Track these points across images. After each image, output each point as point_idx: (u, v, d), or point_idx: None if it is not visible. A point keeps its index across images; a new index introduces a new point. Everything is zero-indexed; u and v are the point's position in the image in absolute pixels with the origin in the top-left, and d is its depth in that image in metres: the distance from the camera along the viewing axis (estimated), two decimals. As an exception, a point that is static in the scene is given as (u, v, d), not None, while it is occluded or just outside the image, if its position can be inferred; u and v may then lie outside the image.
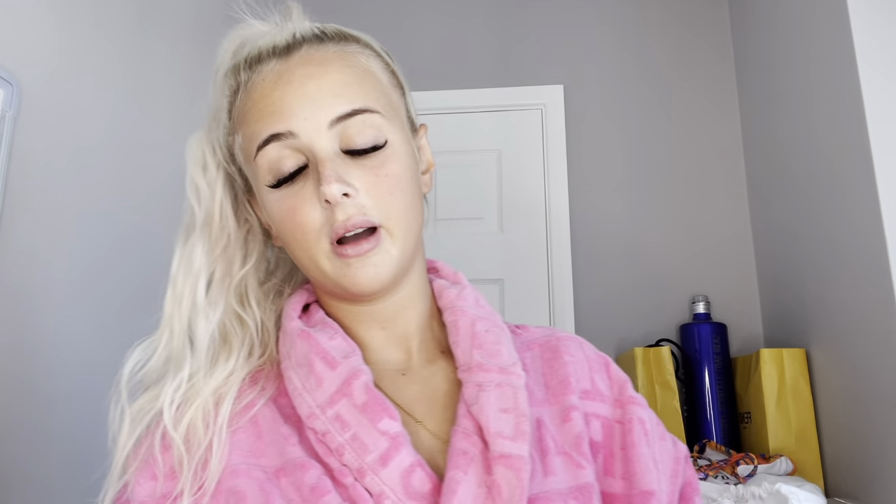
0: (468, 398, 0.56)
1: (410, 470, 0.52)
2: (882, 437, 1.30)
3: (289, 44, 0.58)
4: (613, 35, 2.10)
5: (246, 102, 0.58)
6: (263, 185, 0.57)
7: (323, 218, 0.55)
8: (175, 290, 0.62)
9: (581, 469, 0.56)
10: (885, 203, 1.27)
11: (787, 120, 1.69)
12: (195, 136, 0.64)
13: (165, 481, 0.55)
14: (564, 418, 0.59)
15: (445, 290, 0.65)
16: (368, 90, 0.58)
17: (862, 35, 1.35)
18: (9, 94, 1.09)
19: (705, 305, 1.81)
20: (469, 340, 0.60)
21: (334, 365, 0.56)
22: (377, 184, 0.56)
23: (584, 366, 0.63)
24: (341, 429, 0.54)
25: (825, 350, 1.52)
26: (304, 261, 0.58)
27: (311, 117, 0.55)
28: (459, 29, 2.15)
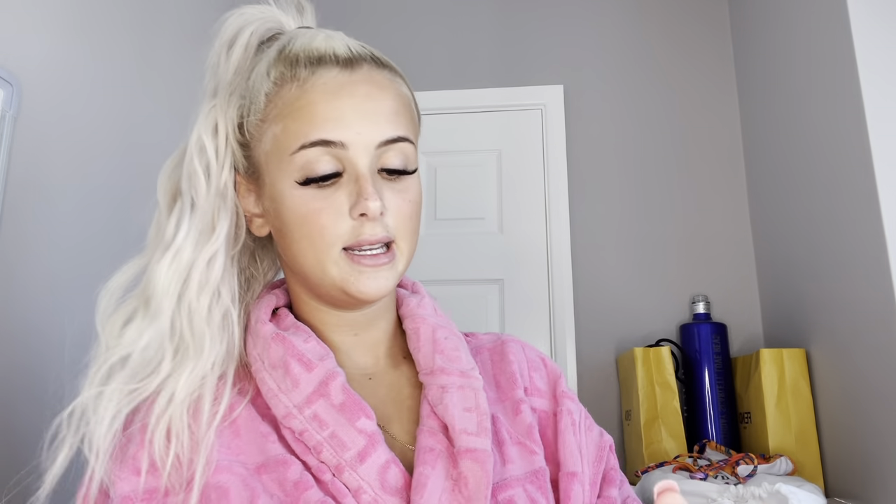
0: (432, 399, 0.60)
1: (386, 466, 0.55)
2: (882, 437, 1.30)
3: (350, 57, 0.60)
4: (613, 35, 2.10)
5: (299, 98, 0.58)
6: (289, 180, 0.58)
7: (348, 227, 0.57)
8: (179, 262, 0.59)
9: (534, 455, 0.62)
10: (885, 203, 1.27)
11: (787, 120, 1.69)
12: (210, 105, 0.64)
13: (149, 476, 0.54)
14: (515, 411, 0.64)
15: (406, 298, 0.68)
16: (408, 120, 0.62)
17: (862, 35, 1.35)
18: (9, 94, 1.09)
19: (705, 305, 1.81)
20: (430, 346, 0.63)
21: (310, 367, 0.58)
22: (401, 207, 0.60)
23: (525, 365, 0.69)
24: (319, 427, 0.56)
25: (825, 350, 1.52)
26: (306, 259, 0.59)
27: (364, 134, 0.58)
28: (459, 29, 2.15)
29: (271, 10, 0.66)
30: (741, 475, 1.37)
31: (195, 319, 0.58)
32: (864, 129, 1.32)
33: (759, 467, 1.42)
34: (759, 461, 1.43)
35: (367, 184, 0.57)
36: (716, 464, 1.44)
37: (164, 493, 0.54)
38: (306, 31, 0.64)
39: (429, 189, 2.04)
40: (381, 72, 0.61)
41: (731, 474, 1.38)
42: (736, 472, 1.38)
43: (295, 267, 0.62)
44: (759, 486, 1.28)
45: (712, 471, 1.40)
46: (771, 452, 1.51)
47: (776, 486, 1.28)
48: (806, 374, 1.55)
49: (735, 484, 1.33)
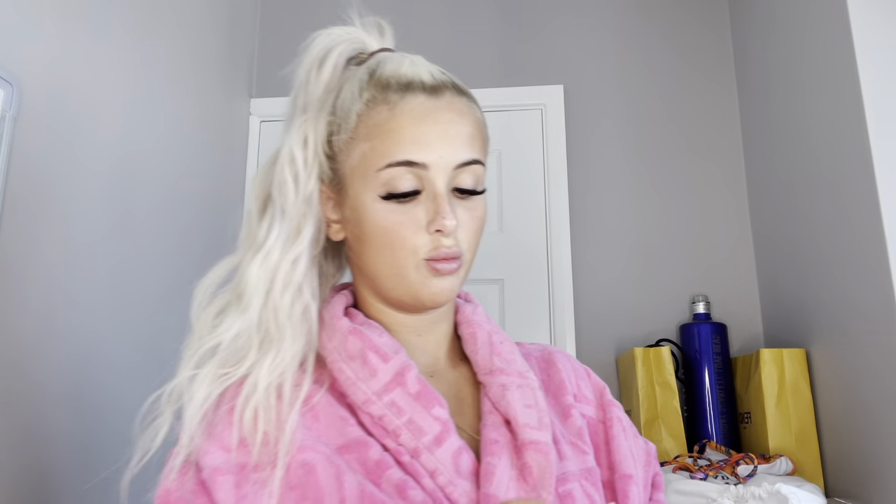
0: (494, 396, 0.66)
1: (459, 452, 0.60)
2: (882, 437, 1.30)
3: (434, 85, 0.65)
4: (613, 35, 2.10)
5: (389, 120, 0.64)
6: (372, 194, 0.64)
7: (426, 240, 0.64)
8: (268, 262, 0.65)
9: (586, 455, 0.67)
10: (885, 203, 1.27)
11: (787, 120, 1.69)
12: (302, 119, 0.68)
13: (238, 452, 0.59)
14: (566, 415, 0.70)
15: (462, 306, 0.75)
16: (481, 144, 0.68)
17: (862, 35, 1.35)
18: (9, 94, 1.09)
19: (705, 305, 1.81)
20: (488, 349, 0.69)
21: (387, 358, 0.64)
22: (470, 223, 0.66)
23: (573, 374, 0.75)
24: (397, 413, 0.61)
25: (825, 350, 1.52)
26: (384, 266, 0.65)
27: (445, 157, 0.64)
28: (460, 29, 2.15)
29: (356, 31, 0.72)
30: (741, 475, 1.37)
31: (279, 314, 0.64)
32: (864, 129, 1.32)
33: (759, 467, 1.42)
34: (759, 461, 1.43)
35: (444, 203, 0.63)
36: (716, 464, 1.44)
37: (253, 468, 0.58)
38: (392, 55, 0.69)
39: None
40: (461, 99, 0.67)
41: (731, 474, 1.38)
42: (736, 472, 1.38)
43: (369, 271, 0.67)
44: (759, 486, 1.28)
45: (712, 471, 1.40)
46: (771, 452, 1.51)
47: (776, 486, 1.28)
48: (806, 374, 1.55)
49: (735, 484, 1.33)
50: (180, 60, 1.70)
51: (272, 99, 2.14)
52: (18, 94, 1.11)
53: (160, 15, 1.61)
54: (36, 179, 1.17)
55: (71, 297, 1.26)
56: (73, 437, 1.26)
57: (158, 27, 1.60)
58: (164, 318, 1.59)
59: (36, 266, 1.17)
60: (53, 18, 1.23)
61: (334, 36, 0.72)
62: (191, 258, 1.72)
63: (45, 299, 1.19)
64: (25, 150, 1.14)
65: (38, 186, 1.18)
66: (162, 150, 1.60)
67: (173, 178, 1.65)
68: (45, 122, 1.20)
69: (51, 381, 1.21)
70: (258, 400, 0.60)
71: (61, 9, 1.25)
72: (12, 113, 1.10)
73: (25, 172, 1.14)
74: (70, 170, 1.27)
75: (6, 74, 1.09)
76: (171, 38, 1.66)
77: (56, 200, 1.23)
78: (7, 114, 1.08)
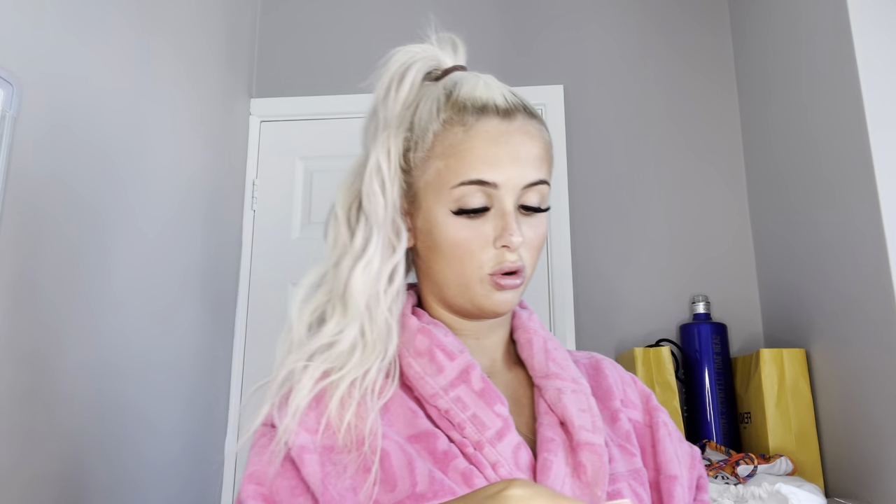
0: (550, 399, 0.70)
1: (518, 447, 0.65)
2: (882, 437, 1.30)
3: (507, 108, 0.70)
4: (614, 35, 2.10)
5: (464, 141, 0.68)
6: (444, 208, 0.69)
7: (492, 254, 0.68)
8: (370, 271, 0.70)
9: (633, 457, 0.71)
10: (885, 203, 1.27)
11: (787, 120, 1.69)
12: (385, 134, 0.73)
13: (324, 436, 0.65)
14: (614, 419, 0.74)
15: (518, 312, 0.79)
16: (548, 165, 0.72)
17: (862, 35, 1.35)
18: (9, 94, 1.09)
19: (705, 305, 1.81)
20: (543, 355, 0.74)
21: (453, 357, 0.69)
22: (533, 239, 0.70)
23: (619, 381, 0.79)
24: (462, 408, 0.66)
25: (825, 350, 1.52)
26: (452, 275, 0.70)
27: (514, 177, 0.68)
28: (460, 29, 2.14)
29: (432, 49, 0.78)
30: (741, 475, 1.37)
31: (380, 319, 0.69)
32: (864, 129, 1.32)
33: (759, 467, 1.42)
34: (759, 461, 1.43)
35: (511, 220, 0.67)
36: (716, 464, 1.44)
37: (337, 451, 0.65)
38: (467, 76, 0.74)
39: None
40: (531, 122, 0.71)
41: (731, 474, 1.38)
42: (736, 472, 1.38)
43: (436, 279, 0.72)
44: (759, 486, 1.28)
45: (712, 471, 1.40)
46: (771, 452, 1.51)
47: (776, 486, 1.28)
48: (806, 374, 1.55)
49: (735, 484, 1.33)
50: (180, 60, 1.70)
51: (272, 99, 2.14)
52: (18, 94, 1.11)
53: (160, 15, 1.61)
54: (36, 179, 1.17)
55: (71, 297, 1.26)
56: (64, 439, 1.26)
57: (158, 27, 1.60)
58: (165, 316, 1.59)
59: (36, 266, 1.17)
60: (53, 18, 1.23)
61: (412, 53, 0.76)
62: (191, 257, 1.72)
63: (45, 299, 1.19)
64: (25, 150, 1.14)
65: (38, 186, 1.18)
66: (162, 149, 1.60)
67: (173, 177, 1.65)
68: (45, 122, 1.20)
69: (47, 380, 1.21)
70: (346, 392, 0.66)
71: (61, 9, 1.25)
72: (12, 113, 1.10)
73: (25, 172, 1.14)
74: (70, 170, 1.27)
75: (6, 74, 1.09)
76: (171, 39, 1.66)
77: (56, 201, 1.23)
78: (7, 114, 1.08)
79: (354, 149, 0.79)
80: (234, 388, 1.94)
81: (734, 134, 1.99)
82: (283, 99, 2.14)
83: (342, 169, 0.78)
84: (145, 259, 1.51)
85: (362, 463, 0.64)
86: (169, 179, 1.63)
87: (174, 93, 1.67)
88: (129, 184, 1.46)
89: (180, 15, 1.70)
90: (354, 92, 2.13)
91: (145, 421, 1.48)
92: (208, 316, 1.82)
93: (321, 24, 2.19)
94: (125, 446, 1.41)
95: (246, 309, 2.01)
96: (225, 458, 1.89)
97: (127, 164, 1.46)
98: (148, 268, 1.52)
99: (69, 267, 1.25)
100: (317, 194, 2.07)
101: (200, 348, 1.77)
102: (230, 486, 1.89)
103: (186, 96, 1.73)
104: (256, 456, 0.67)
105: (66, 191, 1.26)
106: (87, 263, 1.31)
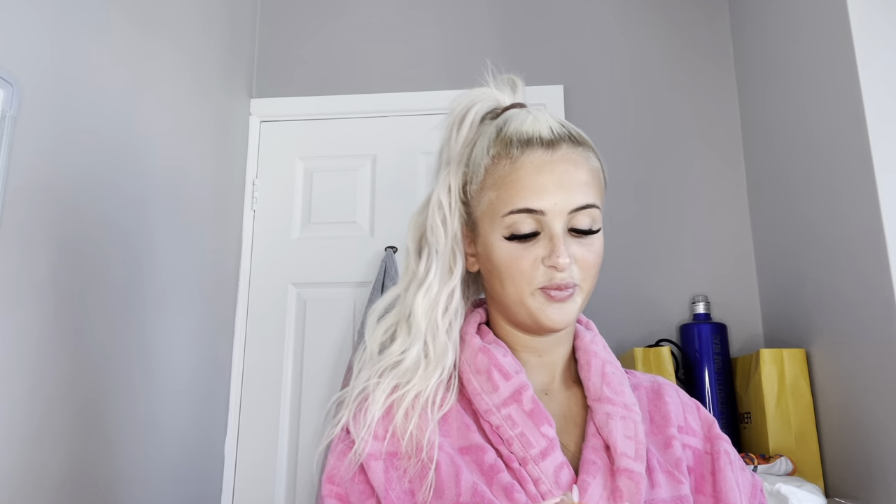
0: (598, 422, 0.74)
1: (560, 467, 0.70)
2: (882, 437, 1.30)
3: (552, 139, 0.75)
4: (613, 35, 2.10)
5: (511, 173, 0.74)
6: (498, 234, 0.74)
7: (542, 272, 0.73)
8: (429, 295, 0.78)
9: (680, 484, 0.73)
10: (885, 203, 1.27)
11: (787, 120, 1.69)
12: (446, 172, 0.81)
13: (389, 444, 0.72)
14: (666, 445, 0.76)
15: (582, 333, 0.84)
16: (595, 189, 0.77)
17: (862, 35, 1.35)
18: (9, 94, 1.09)
19: (705, 305, 1.81)
20: (600, 378, 0.77)
21: (508, 377, 0.74)
22: (585, 258, 0.76)
23: (679, 407, 0.82)
24: (512, 425, 0.71)
25: (825, 350, 1.52)
26: (509, 293, 0.75)
27: (560, 204, 0.73)
28: (460, 29, 2.15)
29: (491, 91, 0.83)
30: (741, 475, 1.37)
31: (439, 338, 0.76)
32: (864, 129, 1.32)
33: (759, 467, 1.42)
34: (759, 461, 1.43)
35: (559, 243, 0.72)
36: (716, 464, 1.44)
37: (399, 457, 0.72)
38: (518, 113, 0.78)
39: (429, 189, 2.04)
40: (576, 150, 0.76)
41: (731, 474, 1.38)
42: (736, 472, 1.38)
43: (497, 298, 0.77)
44: (759, 486, 1.28)
45: (712, 471, 1.40)
46: (771, 452, 1.51)
47: (776, 486, 1.28)
48: (806, 374, 1.55)
49: (735, 484, 1.33)
50: (180, 60, 1.70)
51: (272, 99, 2.14)
52: (18, 94, 1.11)
53: (160, 15, 1.61)
54: (36, 179, 1.17)
55: (70, 296, 1.26)
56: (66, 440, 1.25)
57: (158, 27, 1.60)
58: (165, 316, 1.59)
59: (35, 266, 1.17)
60: (53, 19, 1.23)
61: (472, 97, 0.82)
62: (191, 257, 1.72)
63: (44, 298, 1.19)
64: (25, 150, 1.14)
65: (38, 186, 1.18)
66: (162, 149, 1.60)
67: (173, 177, 1.64)
68: (45, 122, 1.20)
69: (47, 379, 1.21)
70: (411, 405, 0.73)
71: (61, 9, 1.25)
72: (12, 113, 1.10)
73: (25, 172, 1.14)
74: (70, 170, 1.27)
75: (6, 74, 1.09)
76: (171, 39, 1.66)
77: (56, 201, 1.23)
78: (7, 114, 1.08)
79: (354, 149, 0.82)
80: (234, 388, 1.95)
81: (734, 134, 1.99)
82: (283, 99, 2.14)
83: (342, 169, 0.82)
84: (145, 258, 1.51)
85: (419, 469, 0.70)
86: (169, 179, 1.63)
87: (174, 93, 1.67)
88: (128, 184, 1.46)
89: (180, 15, 1.70)
90: (354, 92, 2.13)
91: (145, 421, 1.48)
92: (208, 316, 1.82)
93: (321, 24, 2.19)
94: (125, 446, 1.41)
95: (246, 309, 2.01)
96: (225, 459, 1.89)
97: (127, 164, 1.46)
98: (148, 267, 1.52)
99: (68, 266, 1.25)
100: (317, 194, 2.07)
101: (200, 348, 1.77)
102: (230, 486, 1.89)
103: (186, 96, 1.73)
104: (334, 458, 0.74)
105: (66, 191, 1.26)
106: (87, 263, 1.31)
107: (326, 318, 1.99)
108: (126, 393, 1.42)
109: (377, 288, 1.88)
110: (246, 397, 1.95)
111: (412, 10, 2.18)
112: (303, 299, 2.01)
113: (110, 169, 1.40)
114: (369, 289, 1.94)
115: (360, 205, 2.05)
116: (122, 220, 1.43)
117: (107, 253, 1.37)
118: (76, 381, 1.27)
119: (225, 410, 1.91)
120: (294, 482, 1.89)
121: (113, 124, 1.41)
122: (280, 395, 1.94)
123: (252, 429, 1.93)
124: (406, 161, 2.06)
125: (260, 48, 2.20)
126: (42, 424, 1.17)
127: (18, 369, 1.12)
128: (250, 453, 1.91)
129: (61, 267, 1.23)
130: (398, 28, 2.17)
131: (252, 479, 1.90)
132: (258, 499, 1.88)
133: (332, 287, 2.00)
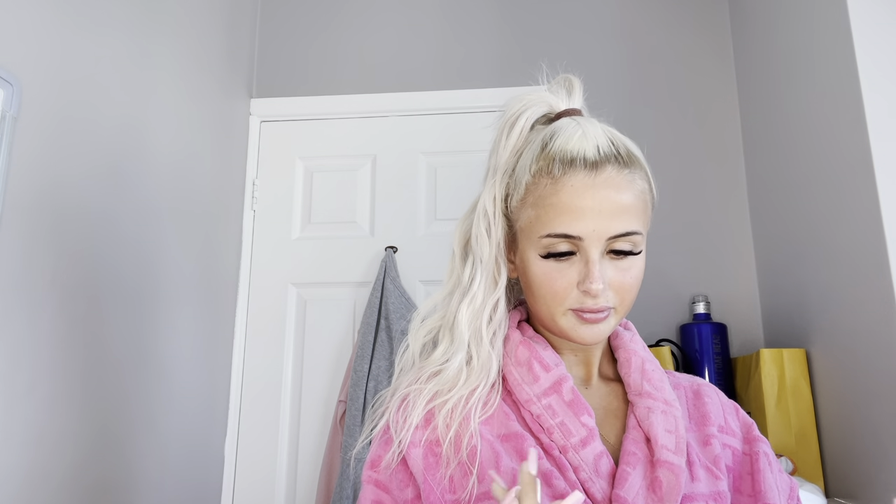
0: (640, 415, 0.75)
1: (600, 456, 0.71)
2: (882, 438, 1.30)
3: (596, 161, 0.72)
4: (613, 35, 2.10)
5: (552, 193, 0.73)
6: (534, 252, 0.74)
7: (576, 295, 0.73)
8: (474, 305, 0.78)
9: (718, 479, 0.74)
10: (885, 203, 1.27)
11: (788, 120, 1.69)
12: (492, 181, 0.80)
13: (431, 432, 0.74)
14: (705, 443, 0.77)
15: (620, 332, 0.85)
16: (640, 213, 0.77)
17: (862, 35, 1.35)
18: (9, 94, 1.09)
19: (705, 305, 1.81)
20: (640, 374, 0.78)
21: (548, 369, 0.75)
22: (623, 281, 0.75)
23: (719, 408, 0.82)
24: (552, 415, 0.73)
25: (825, 350, 1.52)
26: (542, 309, 0.75)
27: (598, 230, 0.72)
28: (459, 29, 2.15)
29: (544, 95, 0.81)
30: (741, 475, 1.37)
31: (483, 345, 0.77)
32: (864, 128, 1.32)
33: (759, 467, 1.41)
34: (759, 461, 1.43)
35: (594, 269, 0.71)
36: (716, 464, 1.44)
37: (440, 444, 0.73)
38: (567, 126, 0.76)
39: (430, 189, 2.04)
40: (622, 172, 0.74)
41: (731, 474, 1.38)
42: (736, 472, 1.38)
43: (532, 309, 0.79)
44: (759, 486, 1.28)
45: (712, 471, 1.40)
46: (771, 452, 1.51)
47: (776, 486, 1.28)
48: (806, 374, 1.55)
49: (735, 484, 1.33)
50: (180, 60, 1.70)
51: (272, 99, 2.14)
52: (18, 94, 1.11)
53: (160, 15, 1.61)
54: (36, 179, 1.17)
55: (70, 296, 1.26)
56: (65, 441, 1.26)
57: (158, 27, 1.60)
58: (165, 316, 1.59)
59: (35, 265, 1.17)
60: (54, 18, 1.23)
61: (524, 101, 0.80)
62: (191, 257, 1.72)
63: (44, 299, 1.19)
64: (25, 150, 1.14)
65: (38, 186, 1.18)
66: (162, 149, 1.60)
67: (173, 177, 1.64)
68: (45, 122, 1.20)
69: (46, 379, 1.21)
70: (455, 408, 0.74)
71: (61, 9, 1.25)
72: (12, 113, 1.10)
73: (25, 172, 1.14)
74: (70, 170, 1.27)
75: (6, 74, 1.09)
76: (171, 39, 1.66)
77: (56, 201, 1.23)
78: (7, 114, 1.08)
79: (354, 149, 0.81)
80: (234, 387, 1.95)
81: (734, 134, 1.99)
82: (283, 99, 2.14)
83: (342, 169, 0.81)
84: (145, 258, 1.51)
85: (459, 459, 0.72)
86: (169, 179, 1.63)
87: (174, 93, 1.67)
88: (128, 183, 1.46)
89: (180, 15, 1.70)
90: (354, 92, 2.13)
91: (145, 421, 1.48)
92: (208, 316, 1.82)
93: (321, 25, 2.19)
94: (125, 446, 1.41)
95: (246, 309, 2.01)
96: (225, 459, 1.89)
97: (126, 163, 1.46)
98: (147, 267, 1.52)
99: (67, 266, 1.25)
100: (317, 194, 2.07)
101: (200, 348, 1.77)
102: (230, 486, 1.89)
103: (186, 96, 1.73)
104: (376, 446, 0.76)
105: (66, 191, 1.26)
106: (86, 263, 1.31)
107: (326, 318, 1.99)
108: (126, 393, 1.42)
109: (377, 288, 1.88)
110: (246, 397, 1.95)
111: (412, 10, 2.18)
112: (303, 299, 2.01)
113: (110, 169, 1.40)
114: (369, 289, 1.94)
115: (360, 205, 2.05)
116: (122, 220, 1.43)
117: (106, 253, 1.37)
118: (76, 380, 1.27)
119: (225, 410, 1.91)
120: (294, 482, 1.89)
121: (112, 124, 1.41)
122: (280, 395, 1.94)
123: (252, 429, 1.93)
124: (406, 161, 2.06)
125: (260, 48, 2.20)
126: (42, 424, 1.17)
127: (18, 369, 1.12)
128: (250, 453, 1.91)
129: (61, 267, 1.23)
130: (398, 28, 2.17)
131: (252, 479, 1.90)
132: (258, 499, 1.88)
133: (332, 287, 2.00)
